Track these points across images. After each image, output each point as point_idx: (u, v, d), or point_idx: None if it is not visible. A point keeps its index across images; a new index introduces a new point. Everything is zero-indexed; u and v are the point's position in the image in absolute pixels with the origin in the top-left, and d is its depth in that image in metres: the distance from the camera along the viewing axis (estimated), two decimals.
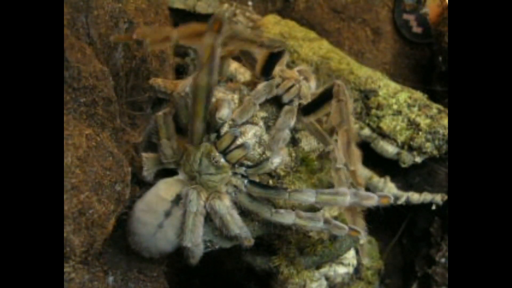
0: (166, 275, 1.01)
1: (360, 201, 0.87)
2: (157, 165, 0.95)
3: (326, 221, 0.89)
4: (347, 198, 0.86)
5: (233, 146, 0.89)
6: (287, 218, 0.89)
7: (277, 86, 0.96)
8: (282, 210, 0.90)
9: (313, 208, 0.94)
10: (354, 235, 0.90)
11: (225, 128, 0.90)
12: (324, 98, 0.95)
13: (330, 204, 0.90)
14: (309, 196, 0.87)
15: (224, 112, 0.87)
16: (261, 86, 0.94)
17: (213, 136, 0.91)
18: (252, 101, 0.91)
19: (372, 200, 0.86)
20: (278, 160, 0.91)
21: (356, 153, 0.92)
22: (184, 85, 0.91)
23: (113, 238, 0.92)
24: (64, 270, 0.82)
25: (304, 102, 0.97)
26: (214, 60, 0.79)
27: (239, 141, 0.89)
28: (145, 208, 0.90)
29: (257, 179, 0.94)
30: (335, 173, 0.94)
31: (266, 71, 0.95)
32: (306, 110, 0.98)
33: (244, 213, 0.93)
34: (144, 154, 0.95)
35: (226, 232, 0.90)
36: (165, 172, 0.96)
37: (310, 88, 1.01)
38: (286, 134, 0.92)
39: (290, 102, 0.96)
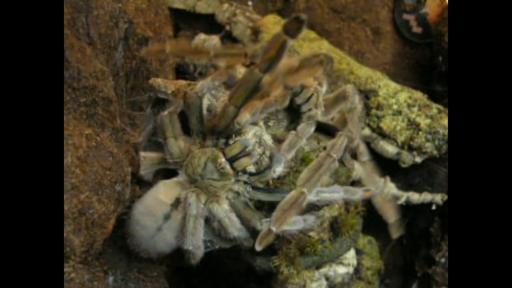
0: (166, 275, 1.01)
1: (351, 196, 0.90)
2: (156, 165, 0.95)
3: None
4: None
5: (241, 154, 0.88)
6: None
7: (296, 94, 0.95)
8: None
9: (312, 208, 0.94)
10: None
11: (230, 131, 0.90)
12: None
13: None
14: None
15: (243, 118, 0.87)
16: (273, 97, 0.93)
17: (221, 141, 0.91)
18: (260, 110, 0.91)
19: (357, 195, 0.91)
20: (280, 168, 0.90)
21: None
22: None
23: (113, 238, 0.92)
24: (64, 270, 0.82)
25: (318, 111, 0.97)
26: (280, 56, 0.78)
27: (247, 150, 0.89)
28: (144, 211, 0.89)
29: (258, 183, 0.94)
30: (362, 166, 0.95)
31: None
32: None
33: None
34: (142, 154, 0.95)
35: (225, 234, 0.90)
36: (165, 172, 0.96)
37: (322, 94, 1.01)
38: (303, 142, 0.92)
39: (309, 110, 0.96)
